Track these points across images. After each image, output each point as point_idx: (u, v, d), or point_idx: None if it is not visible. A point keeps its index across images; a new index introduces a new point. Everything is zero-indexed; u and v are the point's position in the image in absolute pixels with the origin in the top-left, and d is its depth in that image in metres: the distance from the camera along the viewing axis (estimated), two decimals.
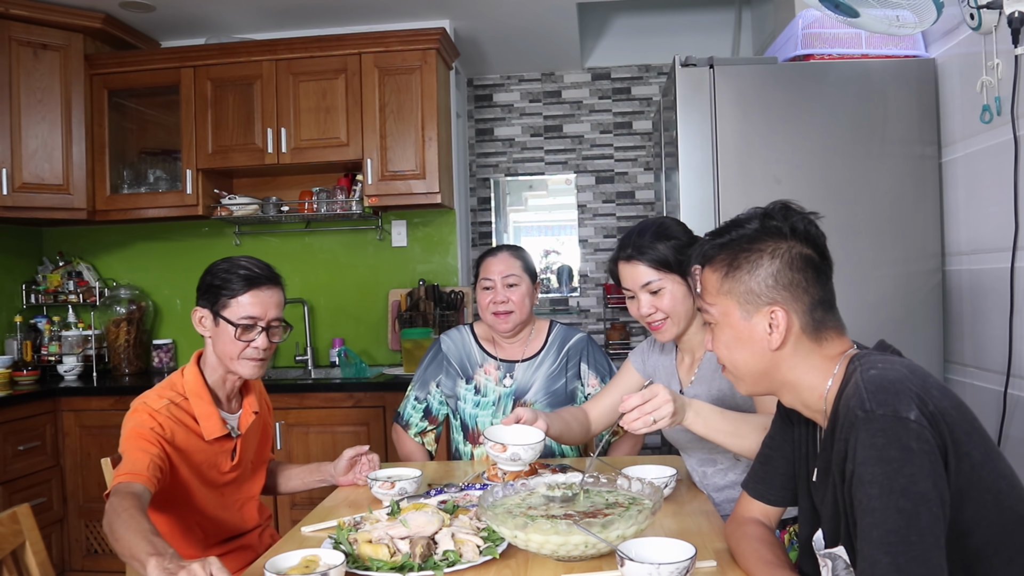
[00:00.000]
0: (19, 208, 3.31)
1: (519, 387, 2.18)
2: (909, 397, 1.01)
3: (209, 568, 1.16)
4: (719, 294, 1.20)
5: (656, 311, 1.73)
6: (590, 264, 4.70)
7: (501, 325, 2.14)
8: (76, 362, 3.55)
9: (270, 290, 1.74)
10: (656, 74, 4.64)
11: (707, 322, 1.26)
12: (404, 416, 2.26)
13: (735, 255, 1.19)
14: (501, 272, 2.13)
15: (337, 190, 3.60)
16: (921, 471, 0.96)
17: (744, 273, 1.17)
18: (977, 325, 2.29)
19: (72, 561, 3.25)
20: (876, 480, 0.97)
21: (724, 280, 1.19)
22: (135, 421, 1.65)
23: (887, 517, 0.95)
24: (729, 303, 1.19)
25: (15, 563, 1.40)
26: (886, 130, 2.49)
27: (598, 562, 1.31)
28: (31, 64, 3.31)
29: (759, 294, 1.16)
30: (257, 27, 3.74)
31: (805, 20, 2.56)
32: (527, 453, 1.65)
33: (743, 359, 1.20)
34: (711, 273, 1.22)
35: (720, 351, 1.24)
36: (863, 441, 1.00)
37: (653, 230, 1.74)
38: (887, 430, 0.99)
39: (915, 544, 0.94)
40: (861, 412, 1.02)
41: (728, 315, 1.20)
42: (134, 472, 1.52)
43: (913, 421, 0.99)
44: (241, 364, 1.73)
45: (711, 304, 1.22)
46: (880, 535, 0.95)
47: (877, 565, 0.95)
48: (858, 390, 1.05)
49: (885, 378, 1.04)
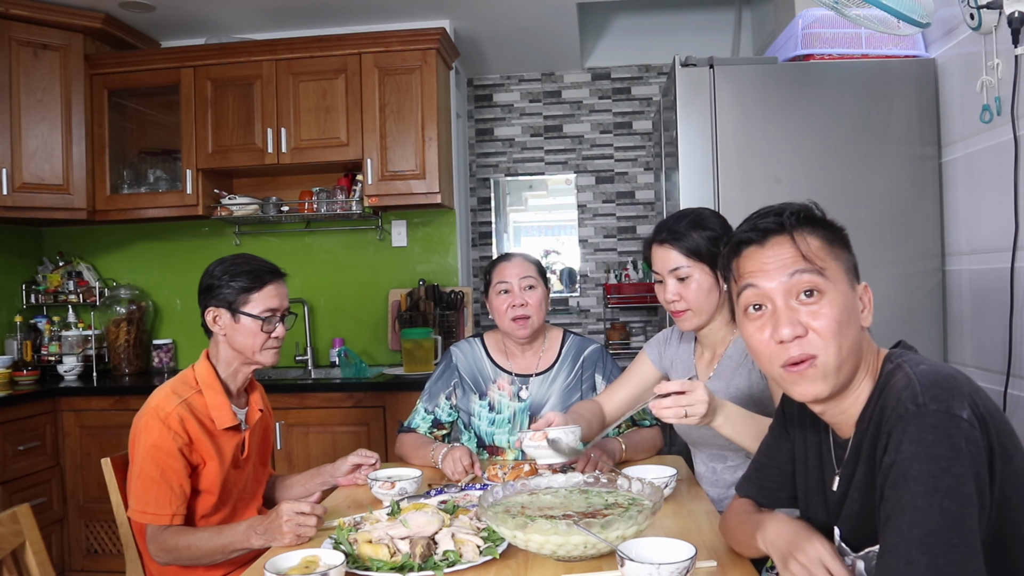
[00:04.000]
0: (19, 208, 3.31)
1: (534, 401, 2.13)
2: (962, 396, 0.97)
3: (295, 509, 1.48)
4: (828, 258, 1.09)
5: (680, 299, 1.73)
6: (590, 264, 4.70)
7: (519, 331, 2.08)
8: (76, 362, 3.55)
9: (280, 282, 1.87)
10: (656, 74, 4.64)
11: (809, 290, 1.07)
12: (411, 425, 2.19)
13: (832, 231, 1.12)
14: (518, 275, 2.08)
15: (337, 190, 3.60)
16: (968, 473, 0.93)
17: (841, 248, 1.10)
18: (977, 325, 2.29)
19: (72, 561, 3.25)
20: (921, 478, 0.93)
21: (831, 246, 1.10)
22: (151, 441, 1.69)
23: (930, 516, 0.91)
24: (839, 270, 1.09)
25: (15, 563, 1.40)
26: (886, 130, 2.49)
27: (598, 562, 1.31)
28: (31, 64, 3.31)
29: (855, 269, 1.11)
30: (257, 27, 3.74)
31: (805, 20, 2.56)
32: (568, 436, 1.60)
33: (853, 336, 1.08)
34: (810, 236, 1.09)
35: (831, 325, 1.06)
36: (911, 436, 0.95)
37: (691, 218, 1.74)
38: (938, 427, 0.94)
39: (957, 547, 0.90)
40: (913, 406, 0.97)
41: (839, 283, 1.08)
42: (159, 514, 1.68)
43: (965, 420, 0.95)
44: (264, 354, 1.84)
45: (822, 265, 1.08)
46: (921, 534, 0.91)
47: (914, 565, 0.91)
48: (910, 384, 1.00)
49: (939, 374, 1.00)
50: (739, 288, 1.14)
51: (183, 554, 1.65)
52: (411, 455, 2.10)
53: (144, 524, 1.70)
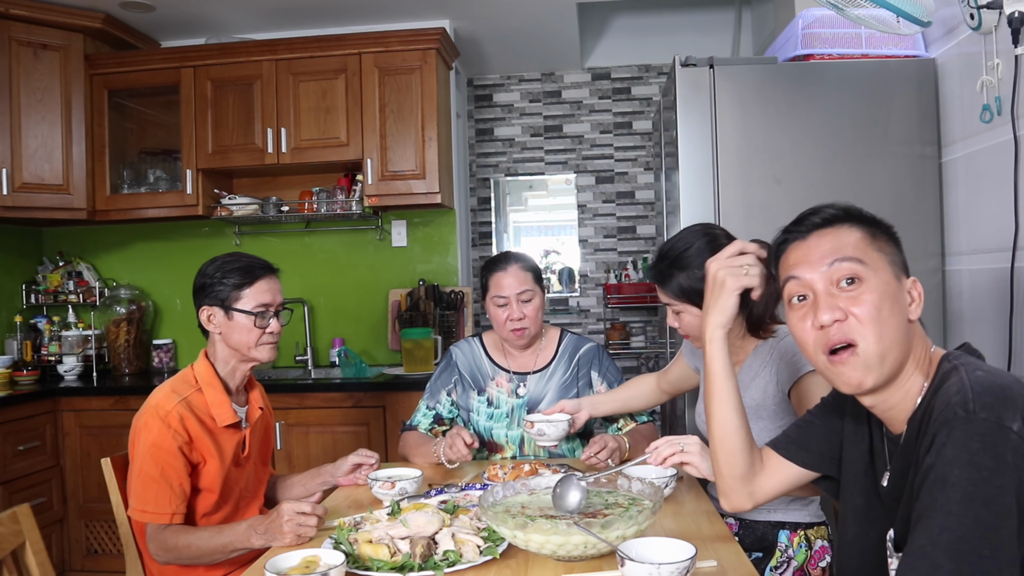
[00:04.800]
0: (19, 208, 3.31)
1: (532, 398, 2.17)
2: (1016, 407, 0.94)
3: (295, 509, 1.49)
4: (872, 251, 1.10)
5: (679, 328, 1.76)
6: (590, 264, 4.70)
7: (518, 341, 2.14)
8: (76, 362, 3.55)
9: (272, 277, 1.87)
10: (656, 74, 4.64)
11: (850, 278, 1.09)
12: (413, 423, 2.22)
13: (874, 228, 1.13)
14: (514, 288, 2.09)
15: (337, 190, 3.60)
16: (1010, 486, 0.90)
17: (885, 243, 1.12)
18: (977, 325, 2.29)
19: (72, 561, 3.25)
20: (960, 484, 0.91)
21: (873, 240, 1.12)
22: (151, 439, 1.69)
23: (963, 523, 0.90)
24: (882, 261, 1.10)
25: (15, 563, 1.40)
26: (886, 130, 2.49)
27: (598, 562, 1.31)
28: (31, 64, 3.31)
29: (902, 265, 1.12)
30: (257, 27, 3.74)
31: (805, 20, 2.56)
32: (551, 429, 1.92)
33: (895, 325, 1.08)
34: (852, 231, 1.12)
35: (870, 313, 1.07)
36: (956, 441, 0.93)
37: (672, 259, 1.68)
38: (986, 435, 0.93)
39: (986, 558, 0.89)
40: (962, 411, 0.95)
41: (881, 272, 1.09)
42: (159, 513, 1.68)
43: (1015, 432, 0.92)
44: (259, 350, 1.83)
45: (861, 261, 1.09)
46: (950, 540, 0.90)
47: (939, 570, 0.90)
48: (963, 389, 0.98)
49: (994, 383, 0.98)
50: (783, 282, 1.17)
51: (183, 553, 1.65)
52: (413, 453, 2.13)
53: (144, 523, 1.70)
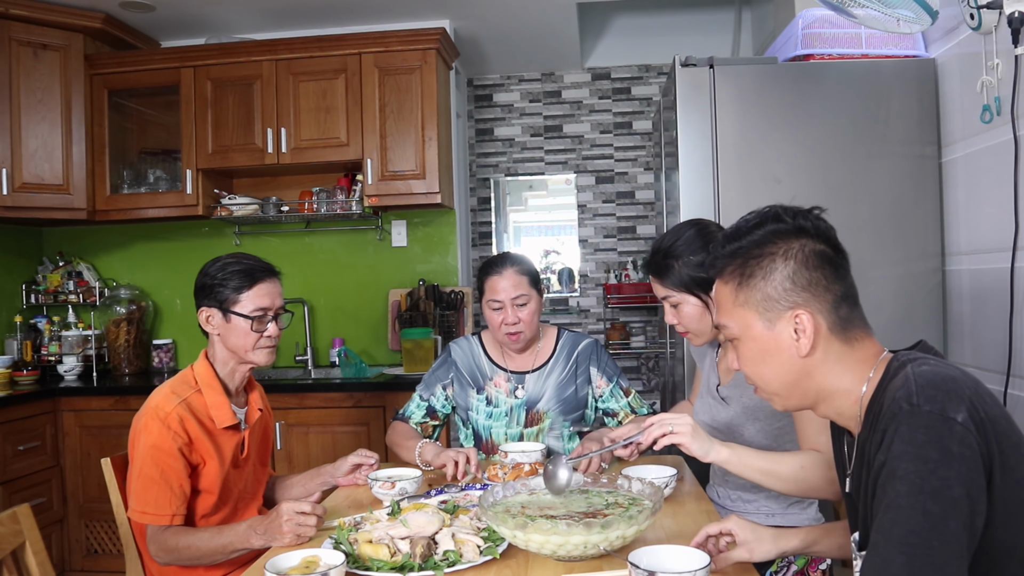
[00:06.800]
0: (19, 208, 3.31)
1: (530, 397, 2.17)
2: (960, 398, 0.95)
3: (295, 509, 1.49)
4: (736, 307, 1.14)
5: (678, 323, 1.75)
6: (590, 264, 4.70)
7: (513, 345, 2.15)
8: (76, 362, 3.55)
9: (273, 281, 1.85)
10: (656, 74, 4.64)
11: (727, 339, 1.18)
12: (406, 413, 2.23)
13: (745, 263, 1.12)
14: (510, 293, 2.09)
15: (337, 190, 3.60)
16: (958, 476, 0.91)
17: (759, 280, 1.11)
18: (977, 325, 2.29)
19: (72, 561, 3.25)
20: (907, 477, 0.92)
21: (739, 291, 1.13)
22: (151, 441, 1.69)
23: (911, 517, 0.91)
24: (748, 315, 1.13)
25: (15, 563, 1.40)
26: (886, 130, 2.49)
27: (598, 562, 1.31)
28: (31, 64, 3.31)
29: (778, 299, 1.10)
30: (257, 27, 3.74)
31: (805, 20, 2.56)
32: (525, 459, 1.91)
33: (773, 372, 1.13)
34: (723, 286, 1.16)
35: (747, 368, 1.16)
36: (902, 435, 0.95)
37: (665, 249, 1.71)
38: (930, 428, 0.93)
39: (935, 550, 0.90)
40: (907, 405, 0.96)
41: (749, 327, 1.13)
42: (159, 514, 1.68)
43: (960, 423, 0.93)
44: (256, 353, 1.82)
45: (728, 320, 1.15)
46: (901, 534, 0.91)
47: (890, 563, 0.91)
48: (907, 383, 0.99)
49: (938, 375, 0.99)
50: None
51: (183, 554, 1.65)
52: (399, 444, 2.12)
53: (144, 524, 1.70)
